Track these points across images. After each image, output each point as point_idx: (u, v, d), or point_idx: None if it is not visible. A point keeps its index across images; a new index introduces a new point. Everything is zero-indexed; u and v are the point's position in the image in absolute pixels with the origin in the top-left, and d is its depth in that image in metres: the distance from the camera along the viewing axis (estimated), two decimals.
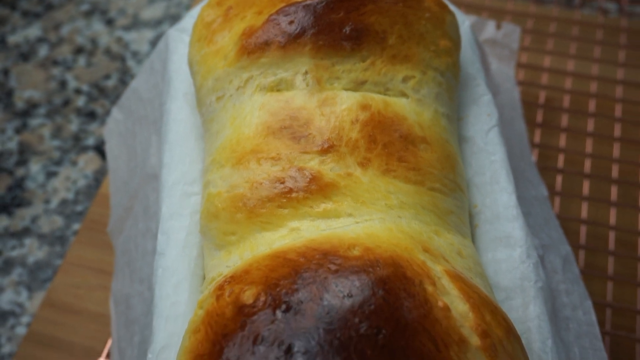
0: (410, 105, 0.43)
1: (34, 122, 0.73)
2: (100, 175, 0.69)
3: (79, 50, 0.80)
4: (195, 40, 0.48)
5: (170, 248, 0.44)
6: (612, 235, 0.59)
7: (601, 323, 0.54)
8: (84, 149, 0.71)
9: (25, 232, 0.66)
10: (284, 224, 0.39)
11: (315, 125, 0.41)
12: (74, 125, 0.73)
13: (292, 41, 0.43)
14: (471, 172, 0.46)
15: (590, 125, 0.65)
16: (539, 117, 0.66)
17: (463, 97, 0.50)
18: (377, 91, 0.43)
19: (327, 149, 0.40)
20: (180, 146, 0.48)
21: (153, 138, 0.54)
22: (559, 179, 0.62)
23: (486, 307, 0.34)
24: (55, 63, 0.78)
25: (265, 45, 0.43)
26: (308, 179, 0.39)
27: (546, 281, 0.42)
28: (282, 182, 0.39)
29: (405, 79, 0.44)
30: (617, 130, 0.65)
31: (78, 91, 0.76)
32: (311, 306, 0.32)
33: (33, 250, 0.65)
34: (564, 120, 0.66)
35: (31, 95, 0.76)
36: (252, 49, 0.44)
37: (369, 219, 0.38)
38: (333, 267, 0.34)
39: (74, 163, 0.71)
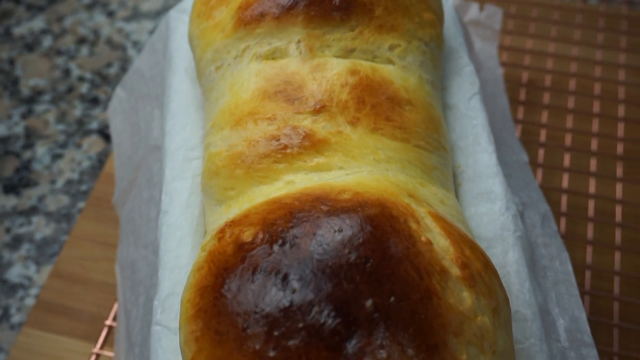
0: (397, 71, 0.47)
1: (40, 108, 0.76)
2: (103, 157, 0.72)
3: (81, 41, 0.83)
4: (194, 17, 0.51)
5: (174, 207, 0.47)
6: (591, 204, 0.62)
7: (581, 284, 0.57)
8: (88, 133, 0.74)
9: (33, 210, 0.69)
10: (279, 177, 0.42)
11: (308, 88, 0.44)
12: (77, 110, 0.76)
13: (286, 12, 0.46)
14: (455, 136, 0.50)
15: (571, 103, 0.69)
16: (522, 96, 0.69)
17: (447, 68, 0.53)
18: (365, 58, 0.47)
19: (319, 110, 0.43)
20: (181, 115, 0.51)
21: (155, 113, 0.57)
22: (541, 152, 0.65)
23: (466, 243, 0.37)
24: (59, 53, 0.82)
25: (261, 16, 0.47)
26: (302, 136, 0.42)
27: (525, 232, 0.45)
28: (278, 140, 0.42)
29: (391, 47, 0.47)
30: (596, 107, 0.68)
31: (81, 79, 0.79)
32: (305, 240, 0.35)
33: (40, 227, 0.68)
34: (546, 98, 0.69)
35: (36, 83, 0.79)
36: (248, 20, 0.47)
37: (359, 171, 0.41)
38: (325, 208, 0.37)
39: (78, 146, 0.74)
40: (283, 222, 0.36)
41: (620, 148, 0.65)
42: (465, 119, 0.50)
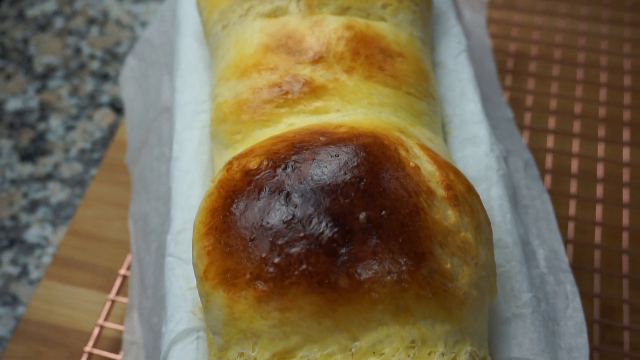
0: (389, 27, 0.51)
1: (53, 83, 0.81)
2: (114, 128, 0.76)
3: (91, 22, 0.87)
4: None
5: (184, 154, 0.51)
6: (574, 162, 0.66)
7: (564, 235, 0.61)
8: (99, 106, 0.79)
9: (48, 177, 0.73)
10: (281, 120, 0.46)
11: (307, 42, 0.48)
12: (89, 85, 0.80)
13: None
14: (443, 89, 0.54)
15: (556, 71, 0.73)
16: (510, 64, 0.73)
17: (436, 30, 0.57)
18: (359, 16, 0.51)
19: (318, 60, 0.47)
20: (190, 73, 0.55)
21: (165, 78, 0.61)
22: (527, 115, 0.69)
23: (450, 168, 0.41)
24: (70, 33, 0.86)
25: None
26: (302, 83, 0.46)
27: (507, 172, 0.49)
28: (280, 86, 0.46)
29: (384, 6, 0.51)
30: (580, 74, 0.72)
31: (92, 56, 0.83)
32: (305, 165, 0.39)
33: (56, 192, 0.71)
34: (532, 66, 0.73)
35: (49, 61, 0.83)
36: None
37: (354, 113, 0.45)
38: (323, 139, 0.41)
39: (90, 118, 0.78)
40: (285, 151, 0.40)
41: (602, 111, 0.69)
42: (452, 74, 0.54)
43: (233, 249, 0.38)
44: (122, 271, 0.61)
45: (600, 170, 0.65)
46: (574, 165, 0.66)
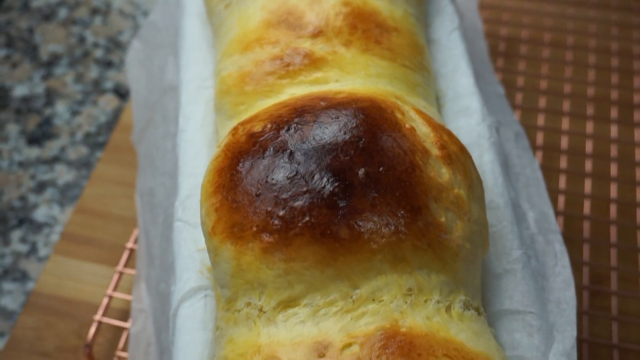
0: (384, 4, 0.53)
1: (58, 70, 0.83)
2: (119, 113, 0.78)
3: (94, 12, 0.89)
4: None
5: (190, 126, 0.53)
6: (564, 139, 0.68)
7: (555, 206, 0.64)
8: (104, 92, 0.81)
9: (55, 159, 0.75)
10: (283, 91, 0.48)
11: (307, 17, 0.51)
12: (93, 72, 0.83)
13: None
14: (437, 65, 0.56)
15: (546, 53, 0.75)
16: (502, 47, 0.76)
17: (429, 9, 0.60)
18: None
19: (317, 34, 0.50)
20: (194, 51, 0.57)
21: (169, 59, 0.64)
22: (519, 95, 0.72)
23: (444, 130, 0.43)
24: (74, 22, 0.88)
25: None
26: (302, 55, 0.49)
27: (499, 140, 0.51)
28: (282, 59, 0.49)
29: None
30: (569, 56, 0.75)
31: (96, 45, 0.86)
32: (307, 126, 0.41)
33: (62, 174, 0.74)
34: (523, 49, 0.76)
35: (54, 50, 0.85)
36: None
37: (352, 83, 0.48)
38: (324, 104, 0.43)
39: (95, 103, 0.80)
40: (288, 115, 0.43)
41: (590, 91, 0.72)
42: (446, 50, 0.56)
43: (240, 205, 0.40)
44: (129, 244, 0.63)
45: (589, 146, 0.68)
46: (564, 142, 0.68)
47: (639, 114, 0.70)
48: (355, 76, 0.48)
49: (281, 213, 0.39)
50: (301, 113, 0.42)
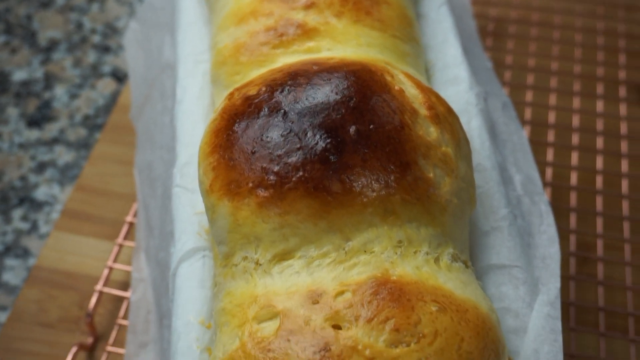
0: None
1: (57, 55, 0.84)
2: (117, 96, 0.80)
3: None
4: None
5: (187, 97, 0.55)
6: (552, 114, 0.70)
7: (543, 177, 0.65)
8: (102, 76, 0.82)
9: (55, 141, 0.76)
10: (277, 60, 0.50)
11: None
12: (91, 57, 0.84)
13: None
14: (426, 38, 0.58)
15: (534, 32, 0.77)
16: (491, 27, 0.77)
17: None
18: None
19: (310, 5, 0.51)
20: (191, 27, 0.59)
21: (166, 38, 0.65)
22: (508, 73, 0.74)
23: (432, 92, 0.45)
24: (71, 9, 0.90)
25: None
26: (295, 26, 0.50)
27: (486, 108, 0.53)
28: (275, 29, 0.51)
29: None
30: (556, 35, 0.77)
31: (93, 30, 0.87)
32: (300, 88, 0.43)
33: (62, 155, 0.75)
34: (512, 29, 0.77)
35: (53, 35, 0.87)
36: None
37: (344, 51, 0.49)
38: (316, 68, 0.45)
39: (93, 86, 0.81)
40: (282, 78, 0.44)
41: (577, 68, 0.74)
42: (435, 24, 0.58)
43: (236, 163, 0.41)
44: (129, 218, 0.64)
45: (575, 120, 0.70)
46: (552, 117, 0.70)
47: (623, 89, 0.72)
48: (347, 45, 0.50)
49: (276, 169, 0.40)
50: (294, 76, 0.44)
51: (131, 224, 0.64)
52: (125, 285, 0.62)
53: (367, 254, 0.40)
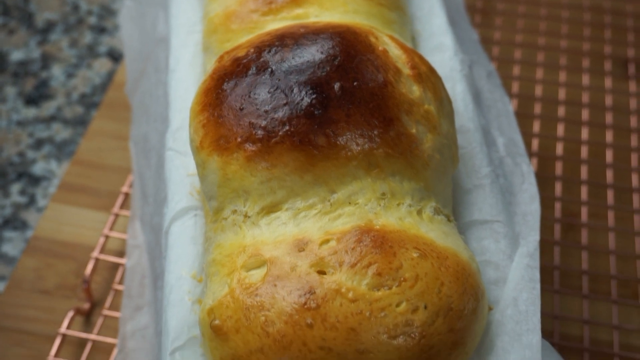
0: None
1: (54, 36, 0.86)
2: (112, 75, 0.81)
3: None
4: None
5: (180, 66, 0.56)
6: (539, 88, 0.72)
7: (529, 150, 0.67)
8: (98, 56, 0.84)
9: (52, 118, 0.78)
10: (266, 27, 0.51)
11: None
12: (87, 38, 0.86)
13: None
14: (413, 9, 0.59)
15: (522, 9, 0.79)
16: (479, 5, 0.79)
17: None
18: None
19: None
20: (183, 2, 0.61)
21: (160, 13, 0.67)
22: (495, 49, 0.75)
23: (415, 53, 0.47)
24: None
25: None
26: None
27: (470, 73, 0.54)
28: None
29: None
30: (544, 12, 0.78)
31: (89, 12, 0.89)
32: (287, 48, 0.44)
33: (59, 132, 0.77)
34: (500, 6, 0.79)
35: (49, 17, 0.88)
36: None
37: (331, 18, 0.51)
38: (303, 30, 0.46)
39: (89, 66, 0.83)
40: (270, 40, 0.46)
41: (563, 43, 0.75)
42: None
43: (225, 119, 0.43)
44: (124, 189, 0.66)
45: (562, 93, 0.71)
46: (538, 90, 0.71)
47: (609, 63, 0.74)
48: (334, 12, 0.51)
49: (263, 124, 0.42)
50: (282, 38, 0.45)
51: (126, 194, 0.66)
52: (120, 253, 0.63)
53: (351, 205, 0.42)
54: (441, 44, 0.56)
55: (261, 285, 0.39)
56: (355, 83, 0.43)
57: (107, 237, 0.62)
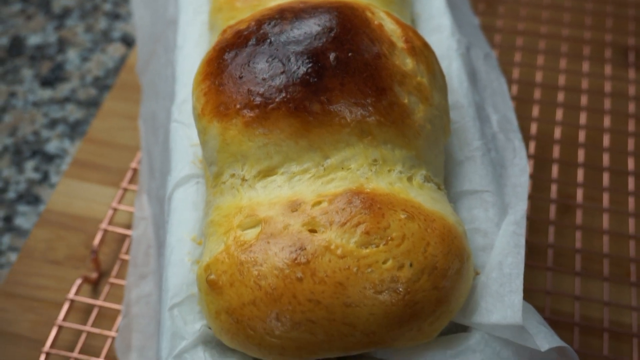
0: None
1: (70, 22, 0.89)
2: (126, 59, 0.84)
3: None
4: None
5: (187, 43, 0.58)
6: (539, 74, 0.73)
7: (527, 133, 0.68)
8: (112, 41, 0.86)
9: (66, 100, 0.80)
10: (269, 4, 0.53)
11: None
12: (102, 24, 0.88)
13: None
14: None
15: None
16: None
17: None
18: None
19: None
20: None
21: None
22: (498, 37, 0.77)
23: (410, 28, 0.48)
24: None
25: None
26: None
27: (467, 53, 0.56)
28: None
29: None
30: (547, 0, 0.80)
31: None
32: (286, 21, 0.46)
33: (73, 112, 0.79)
34: None
35: (66, 3, 0.91)
36: None
37: None
38: (302, 5, 0.48)
39: (103, 51, 0.86)
40: (270, 14, 0.48)
41: (565, 31, 0.77)
42: None
43: (225, 87, 0.45)
44: (133, 164, 0.68)
45: (561, 79, 0.73)
46: (539, 76, 0.73)
47: (609, 51, 0.75)
48: None
49: (261, 91, 0.44)
50: (282, 12, 0.48)
51: (135, 170, 0.68)
52: (128, 225, 0.66)
53: (344, 170, 0.43)
54: (440, 25, 0.57)
55: (255, 242, 0.41)
56: (350, 54, 0.45)
57: (115, 210, 0.65)
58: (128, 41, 0.86)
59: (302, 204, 0.42)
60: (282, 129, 0.43)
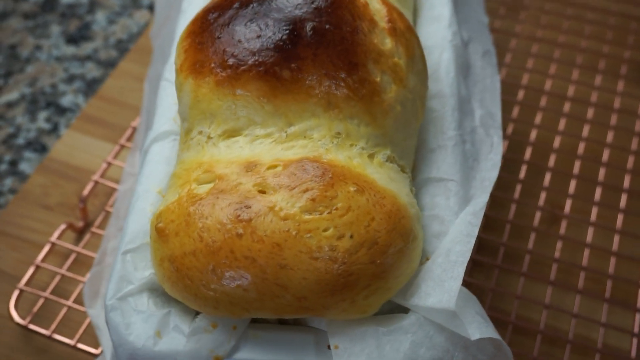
0: None
1: None
2: (149, 26, 0.86)
3: None
4: None
5: (191, 7, 0.60)
6: (549, 82, 0.72)
7: (527, 137, 0.68)
8: (140, 7, 0.89)
9: (87, 58, 0.83)
10: None
11: None
12: None
13: None
14: None
15: (549, 6, 0.79)
16: None
17: None
18: None
19: None
20: None
21: None
22: (514, 41, 0.76)
23: (395, 10, 0.49)
24: None
25: None
26: None
27: (461, 45, 0.56)
28: None
29: None
30: (570, 10, 0.79)
31: None
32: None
33: (92, 70, 0.82)
34: (527, 0, 0.80)
35: None
36: None
37: None
38: None
39: (130, 16, 0.88)
40: None
41: (584, 43, 0.76)
42: None
43: (204, 46, 0.46)
44: (134, 123, 0.70)
45: (571, 90, 0.71)
46: (548, 84, 0.72)
47: (625, 67, 0.73)
48: None
49: (235, 52, 0.45)
50: None
51: (134, 129, 0.70)
52: (119, 180, 0.67)
53: (306, 139, 0.44)
54: (439, 15, 0.57)
55: (205, 196, 0.42)
56: (327, 26, 0.45)
57: (109, 164, 0.67)
58: (154, 8, 0.88)
59: (258, 166, 0.43)
60: (250, 91, 0.44)
